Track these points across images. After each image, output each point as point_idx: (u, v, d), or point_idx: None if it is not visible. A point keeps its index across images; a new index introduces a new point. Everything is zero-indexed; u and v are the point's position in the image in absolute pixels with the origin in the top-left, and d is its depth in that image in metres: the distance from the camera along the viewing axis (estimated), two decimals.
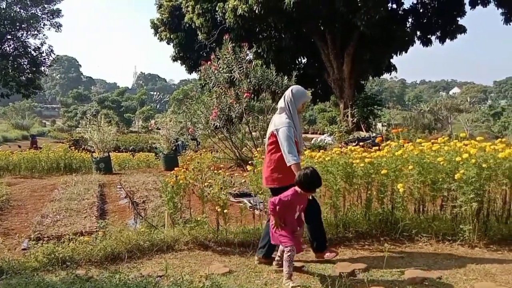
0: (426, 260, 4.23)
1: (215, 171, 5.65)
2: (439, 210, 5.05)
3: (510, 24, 17.23)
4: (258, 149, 8.42)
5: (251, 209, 6.01)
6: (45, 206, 7.14)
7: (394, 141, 5.26)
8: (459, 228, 4.61)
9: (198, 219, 4.85)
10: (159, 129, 14.22)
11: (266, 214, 5.31)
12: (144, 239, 4.63)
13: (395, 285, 3.63)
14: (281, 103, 4.23)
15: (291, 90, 4.24)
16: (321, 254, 4.26)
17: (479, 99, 68.25)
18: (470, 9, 18.08)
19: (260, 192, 5.40)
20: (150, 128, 21.90)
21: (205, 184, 5.20)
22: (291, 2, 14.28)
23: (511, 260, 4.18)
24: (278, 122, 4.12)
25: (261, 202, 5.78)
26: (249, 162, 7.14)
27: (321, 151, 5.78)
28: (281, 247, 3.94)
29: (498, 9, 17.43)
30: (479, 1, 17.57)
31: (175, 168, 5.65)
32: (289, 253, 3.67)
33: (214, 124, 11.45)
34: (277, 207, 3.70)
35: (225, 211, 4.80)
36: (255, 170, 5.59)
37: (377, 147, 5.45)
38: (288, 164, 3.90)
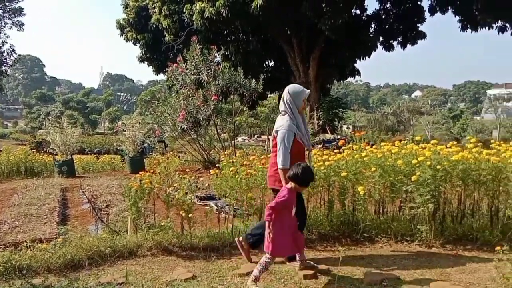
0: (385, 260, 4.34)
1: (181, 175, 5.62)
2: (398, 211, 5.22)
3: (466, 31, 17.91)
4: (226, 151, 8.45)
5: (217, 212, 6.01)
6: (3, 212, 6.90)
7: (356, 144, 5.39)
8: (417, 229, 4.77)
9: (162, 224, 4.81)
10: (125, 131, 13.99)
11: (239, 215, 5.33)
12: (105, 245, 4.54)
13: (355, 286, 3.72)
14: (281, 106, 4.23)
15: (288, 90, 4.22)
16: (290, 261, 4.30)
17: (439, 102, 70.77)
18: (430, 16, 18.71)
19: (225, 195, 5.41)
20: (115, 130, 21.52)
21: (171, 188, 5.17)
22: (258, 6, 14.36)
23: (465, 259, 4.35)
24: (279, 123, 4.14)
25: (227, 205, 5.79)
26: (216, 165, 7.14)
27: None
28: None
29: (455, 16, 18.07)
30: (438, 9, 18.20)
31: (140, 172, 5.59)
32: (268, 260, 3.67)
33: (181, 126, 11.38)
34: (273, 215, 3.61)
35: (189, 215, 4.78)
36: (219, 174, 5.59)
37: (338, 150, 5.58)
38: (278, 167, 3.94)
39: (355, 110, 46.10)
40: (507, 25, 16.73)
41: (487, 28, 17.12)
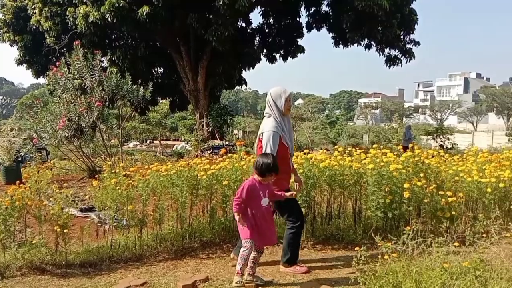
0: (262, 264, 4.51)
1: (61, 186, 5.34)
2: (275, 216, 5.57)
3: (339, 47, 19.66)
4: (113, 158, 8.14)
5: (99, 224, 5.82)
6: None
7: (236, 153, 5.67)
8: None
9: (34, 241, 4.53)
10: None
11: (120, 228, 5.18)
12: None
13: None
14: (266, 109, 4.28)
15: (270, 93, 4.27)
16: (289, 266, 4.35)
17: (318, 109, 75.20)
18: (307, 32, 20.11)
19: (105, 208, 5.26)
20: None
21: (44, 202, 4.88)
22: (144, 14, 14.15)
23: (332, 258, 4.79)
24: (264, 126, 4.17)
25: (110, 217, 5.61)
26: (96, 176, 6.87)
27: (180, 160, 5.86)
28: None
29: (329, 33, 19.68)
30: (313, 26, 19.69)
31: (16, 182, 5.21)
32: (245, 249, 3.74)
33: (62, 134, 10.73)
34: (241, 204, 3.79)
35: (65, 231, 4.57)
36: (100, 185, 5.43)
37: (221, 158, 5.81)
38: None
39: (245, 116, 47.64)
40: (373, 42, 18.74)
41: (356, 45, 18.97)
